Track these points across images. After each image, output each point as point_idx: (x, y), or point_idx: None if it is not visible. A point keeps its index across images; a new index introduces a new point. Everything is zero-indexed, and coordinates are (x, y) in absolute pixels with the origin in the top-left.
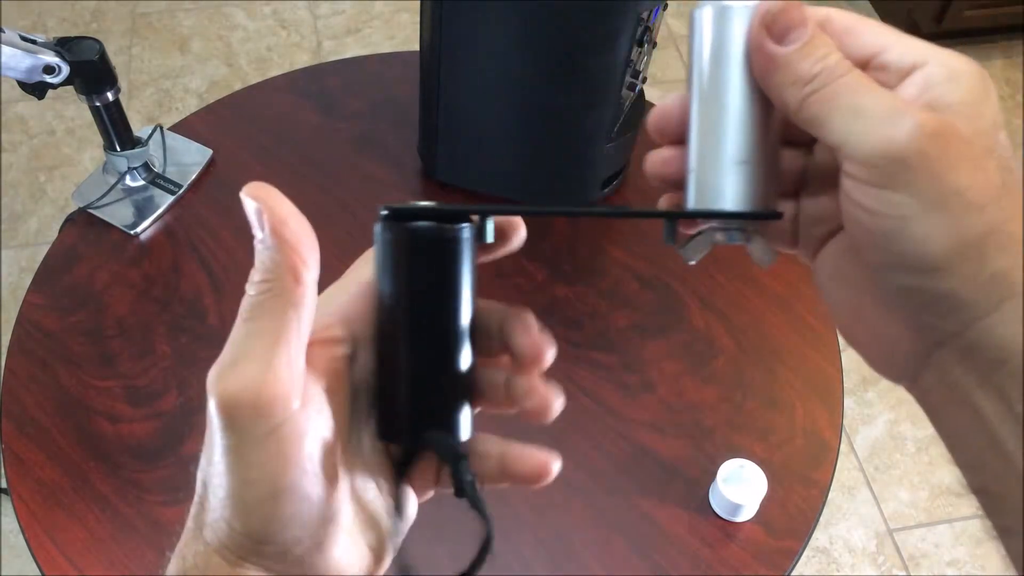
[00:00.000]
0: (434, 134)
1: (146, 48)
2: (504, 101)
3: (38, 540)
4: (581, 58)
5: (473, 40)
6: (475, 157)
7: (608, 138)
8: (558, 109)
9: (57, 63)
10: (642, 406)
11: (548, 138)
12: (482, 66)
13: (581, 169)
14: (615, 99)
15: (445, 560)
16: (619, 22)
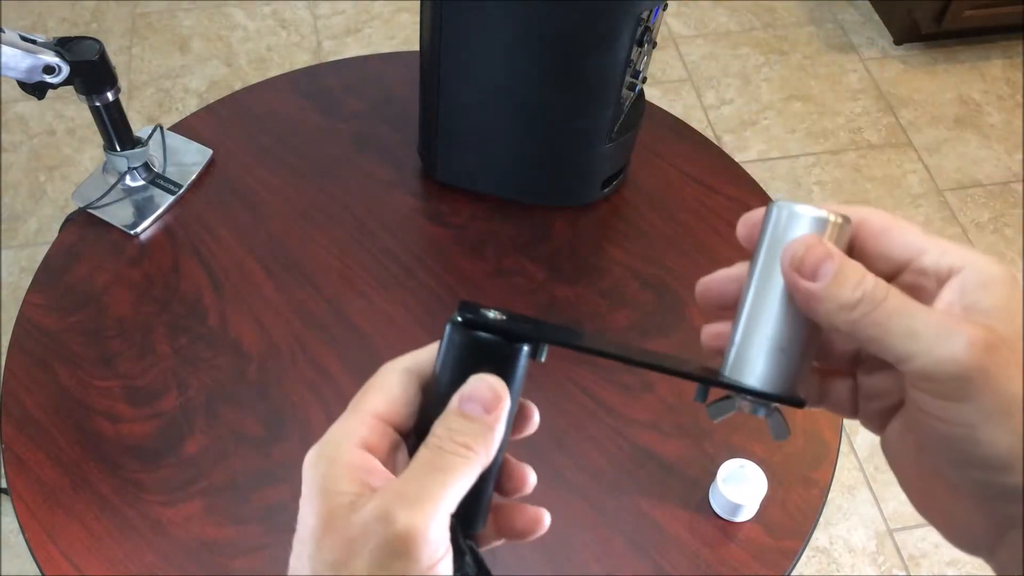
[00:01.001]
0: (434, 134)
1: (146, 48)
2: (503, 101)
3: (38, 540)
4: (580, 58)
5: (472, 40)
6: (475, 157)
7: (608, 138)
8: (557, 109)
9: (57, 63)
10: (642, 406)
11: (548, 138)
12: (481, 66)
13: (581, 169)
14: (614, 99)
15: None
16: (618, 22)
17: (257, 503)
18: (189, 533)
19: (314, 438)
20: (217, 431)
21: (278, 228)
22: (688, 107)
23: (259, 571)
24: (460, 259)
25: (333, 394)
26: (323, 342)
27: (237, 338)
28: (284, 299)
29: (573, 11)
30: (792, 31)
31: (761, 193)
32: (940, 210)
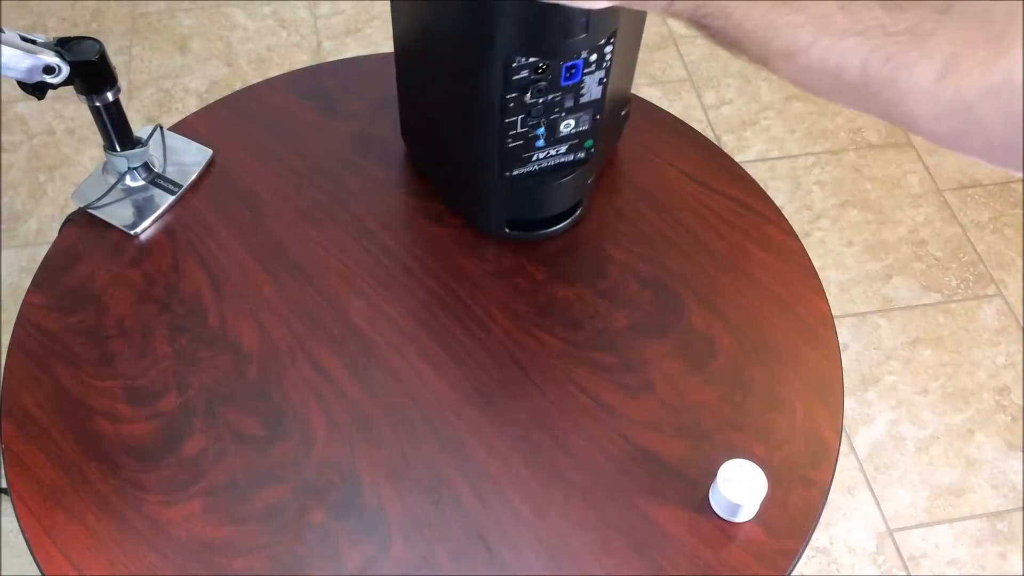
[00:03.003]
0: (404, 116)
1: (146, 48)
2: (431, 98)
3: (38, 540)
4: (453, 84)
5: (407, 39)
6: (415, 132)
7: (500, 175)
8: (449, 126)
9: (57, 63)
10: (642, 406)
11: (449, 145)
12: (413, 65)
13: (482, 198)
14: (495, 134)
15: (445, 560)
16: (474, 63)
17: (257, 503)
18: (189, 533)
19: (314, 438)
20: (217, 431)
21: (278, 228)
22: (688, 107)
23: (259, 571)
24: (460, 259)
25: (333, 394)
26: (323, 342)
27: (237, 338)
28: (284, 299)
29: (436, 35)
30: None
31: (761, 193)
32: (940, 210)
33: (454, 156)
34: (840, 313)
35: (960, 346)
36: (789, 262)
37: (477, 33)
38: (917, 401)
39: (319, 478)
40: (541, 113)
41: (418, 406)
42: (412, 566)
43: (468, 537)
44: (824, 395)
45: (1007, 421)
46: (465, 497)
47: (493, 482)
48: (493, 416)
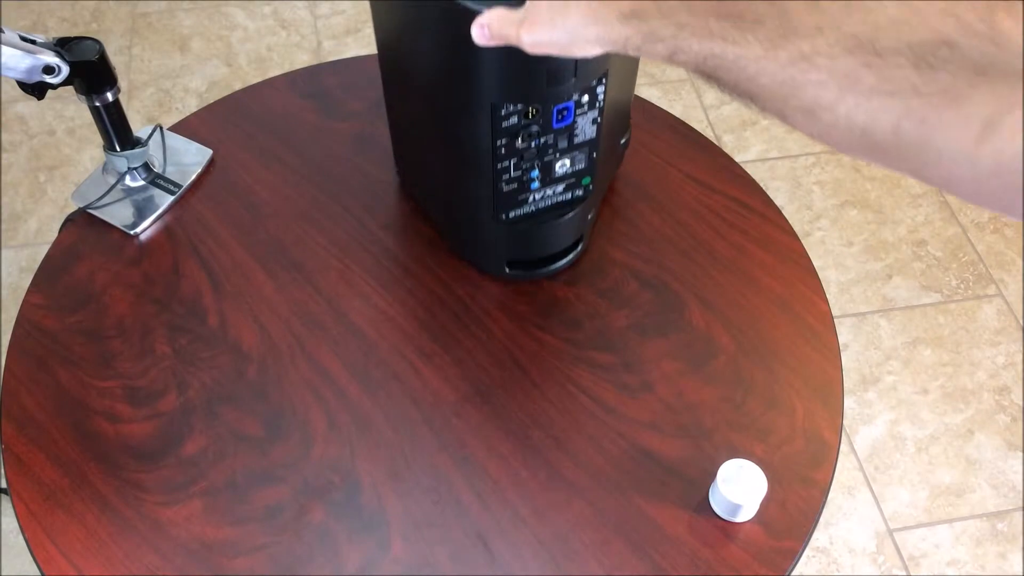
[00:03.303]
0: (396, 145)
1: (146, 48)
2: (421, 138)
3: (38, 540)
4: (445, 124)
5: (394, 75)
6: (417, 182)
7: (495, 218)
8: (442, 165)
9: (57, 63)
10: (642, 406)
11: (442, 182)
12: (402, 99)
13: (479, 240)
14: (487, 178)
15: (445, 560)
16: (462, 109)
17: (257, 503)
18: (189, 533)
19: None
20: (217, 431)
21: (278, 228)
22: (688, 107)
23: (259, 571)
24: (460, 259)
25: (333, 394)
26: (323, 342)
27: (237, 338)
28: (284, 299)
29: (422, 79)
30: None
31: (761, 193)
32: (940, 210)
33: (449, 198)
34: (840, 313)
35: (960, 346)
36: (789, 262)
37: (463, 80)
38: (917, 401)
39: (319, 478)
40: (534, 156)
41: (418, 406)
42: (412, 566)
43: (468, 537)
44: (824, 395)
45: (1007, 421)
46: (465, 497)
47: (493, 482)
48: (493, 416)
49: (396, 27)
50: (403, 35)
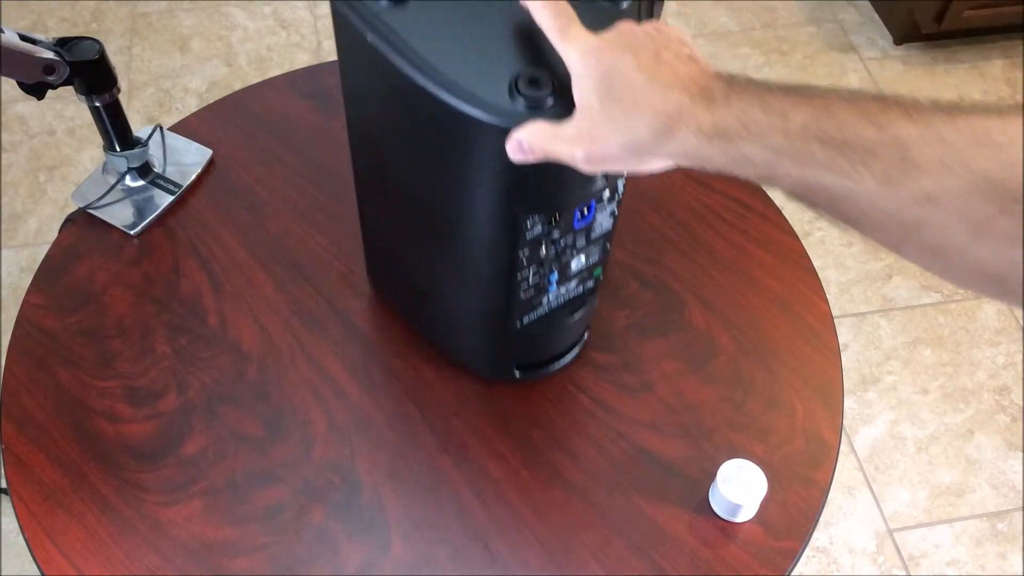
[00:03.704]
0: (370, 255)
1: (146, 48)
2: (410, 246)
3: (38, 540)
4: (456, 242)
5: (376, 182)
6: (388, 279)
7: (508, 328)
8: (444, 283)
9: (57, 63)
10: (642, 406)
11: (440, 301)
12: (388, 208)
13: (486, 350)
14: (503, 292)
15: (445, 560)
16: (482, 223)
17: (257, 503)
18: (189, 533)
19: (314, 438)
20: (217, 431)
21: (278, 228)
22: None
23: (259, 571)
24: None
25: (333, 394)
26: (323, 342)
27: (237, 338)
28: (284, 299)
29: (429, 188)
30: (792, 31)
31: (761, 193)
32: None
33: (450, 312)
34: (840, 313)
35: (960, 346)
36: (789, 262)
37: (481, 194)
38: (917, 401)
39: (319, 478)
40: (553, 259)
41: (418, 406)
42: (412, 566)
43: (468, 537)
44: (824, 395)
45: (1007, 421)
46: (465, 497)
47: (493, 482)
48: (493, 416)
49: (389, 135)
50: (398, 145)
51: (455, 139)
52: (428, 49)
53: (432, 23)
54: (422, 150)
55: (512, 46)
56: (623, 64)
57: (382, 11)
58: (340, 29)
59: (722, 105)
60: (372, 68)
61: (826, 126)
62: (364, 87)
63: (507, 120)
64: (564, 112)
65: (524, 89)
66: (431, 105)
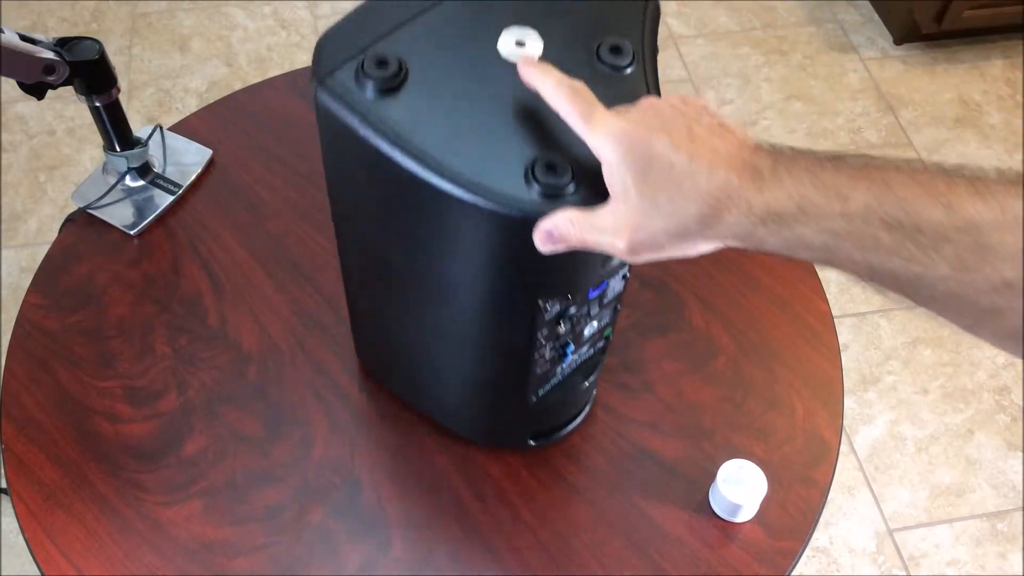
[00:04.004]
0: (352, 318)
1: (146, 48)
2: (396, 325)
3: (38, 540)
4: (468, 327)
5: (370, 267)
6: (383, 361)
7: (523, 402)
8: (452, 367)
9: (57, 63)
10: (642, 406)
11: (448, 383)
12: (384, 292)
13: (498, 425)
14: (524, 370)
15: (445, 560)
16: (508, 303)
17: (257, 503)
18: (189, 533)
19: (314, 438)
20: (217, 431)
21: (278, 228)
22: None
23: (259, 571)
24: None
25: (333, 394)
26: (323, 342)
27: (237, 338)
28: (284, 299)
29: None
30: (792, 31)
31: None
32: None
33: (457, 392)
34: (840, 313)
35: (960, 346)
36: (789, 262)
37: (499, 284)
38: (917, 401)
39: (319, 478)
40: (570, 332)
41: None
42: (412, 566)
43: (468, 537)
44: (824, 395)
45: (1007, 421)
46: (465, 497)
47: (493, 482)
48: None
49: (387, 229)
50: (398, 238)
51: (468, 232)
52: (430, 141)
53: (430, 112)
54: (428, 244)
55: (520, 131)
56: (658, 146)
57: (372, 104)
58: (325, 122)
59: (771, 183)
60: (365, 162)
61: (890, 207)
62: (355, 181)
63: (527, 211)
64: (587, 199)
65: (542, 176)
66: (439, 200)
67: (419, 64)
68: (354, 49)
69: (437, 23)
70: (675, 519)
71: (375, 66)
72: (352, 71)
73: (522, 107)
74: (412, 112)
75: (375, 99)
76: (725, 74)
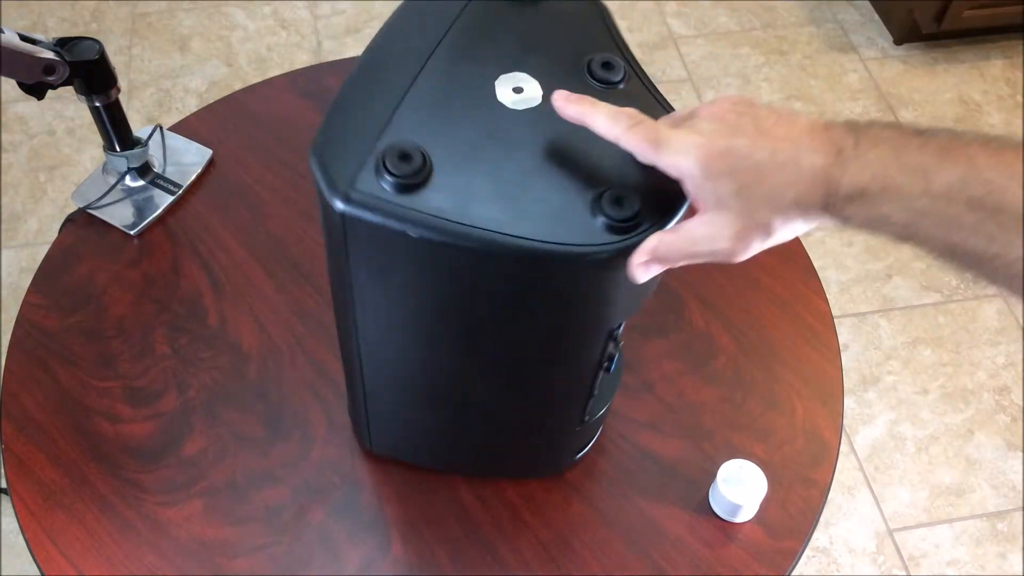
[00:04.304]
0: (363, 410)
1: (146, 48)
2: (436, 404)
3: (38, 540)
4: (536, 376)
5: (395, 333)
6: (414, 440)
7: (580, 421)
8: (510, 417)
9: (57, 63)
10: (642, 406)
11: (499, 437)
12: (411, 362)
13: (546, 454)
14: (585, 394)
15: (445, 560)
16: (587, 340)
17: (257, 503)
18: (189, 533)
19: (314, 438)
20: (217, 431)
21: (278, 228)
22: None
23: (259, 571)
24: None
25: (333, 394)
26: (323, 342)
27: (237, 338)
28: (284, 299)
29: (518, 337)
30: (792, 31)
31: None
32: None
33: (505, 438)
34: (840, 313)
35: (960, 346)
36: (789, 262)
37: (587, 324)
38: (917, 401)
39: (319, 478)
40: (616, 348)
41: None
42: (412, 566)
43: (468, 537)
44: (824, 395)
45: (1007, 421)
46: (465, 497)
47: (493, 482)
48: None
49: (441, 314)
50: (458, 317)
51: (548, 285)
52: (482, 213)
53: (468, 187)
54: (495, 314)
55: (564, 171)
56: (739, 150)
57: (407, 200)
58: (357, 234)
59: (854, 161)
60: (411, 262)
61: (974, 188)
62: (395, 284)
63: (607, 246)
64: (656, 220)
65: (611, 210)
66: (511, 265)
67: (434, 144)
68: (359, 150)
69: (428, 95)
70: (675, 519)
71: (399, 161)
72: (372, 174)
73: (553, 149)
74: (450, 194)
75: (408, 195)
76: (725, 74)
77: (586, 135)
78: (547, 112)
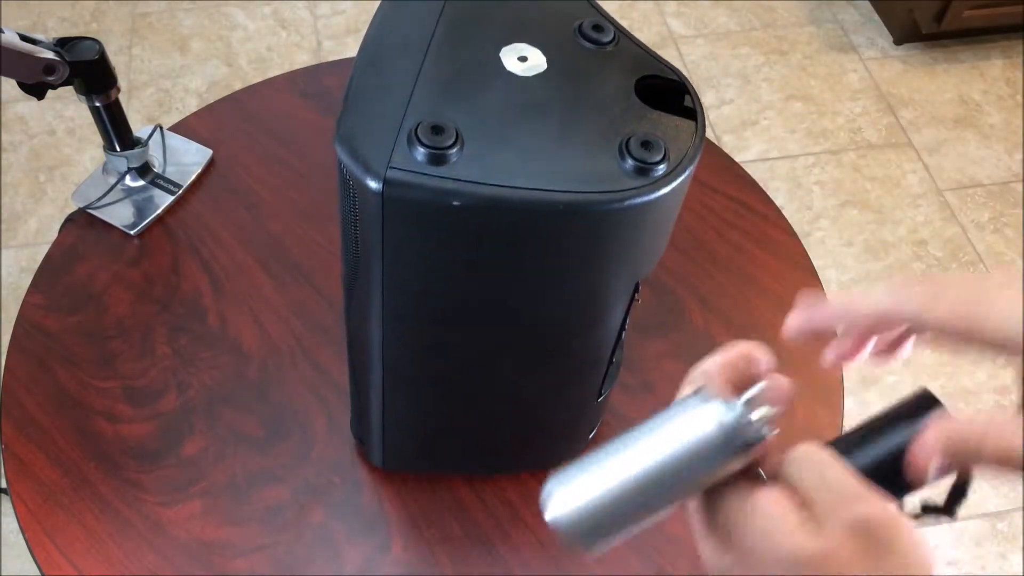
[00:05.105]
0: (378, 420)
1: (146, 48)
2: (462, 392)
3: (38, 540)
4: (567, 342)
5: (424, 319)
6: (427, 446)
7: (598, 394)
8: (536, 394)
9: (57, 63)
10: (642, 406)
11: (522, 420)
12: (438, 348)
13: (564, 434)
14: (606, 361)
15: (445, 560)
16: (614, 298)
17: (257, 503)
18: (189, 533)
19: (314, 438)
20: (217, 431)
21: (278, 228)
22: None
23: (259, 571)
24: None
25: (333, 394)
26: (323, 342)
27: (237, 338)
28: (284, 299)
29: (557, 305)
30: (792, 31)
31: (761, 193)
32: (940, 210)
33: (531, 418)
34: None
35: None
36: (789, 262)
37: (616, 271)
38: None
39: (319, 478)
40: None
41: None
42: (412, 566)
43: (468, 537)
44: (824, 395)
45: None
46: (465, 497)
47: (493, 482)
48: None
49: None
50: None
51: (585, 238)
52: (517, 172)
53: (501, 151)
54: (535, 280)
55: (587, 131)
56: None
57: (445, 170)
58: (396, 213)
59: None
60: (455, 235)
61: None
62: (435, 263)
63: (644, 186)
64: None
65: (639, 153)
66: (556, 220)
67: (456, 117)
68: (386, 132)
69: (439, 75)
70: (675, 519)
71: (432, 134)
72: (405, 151)
73: (570, 107)
74: (482, 161)
75: (443, 166)
76: (725, 74)
77: (598, 91)
78: (556, 75)
